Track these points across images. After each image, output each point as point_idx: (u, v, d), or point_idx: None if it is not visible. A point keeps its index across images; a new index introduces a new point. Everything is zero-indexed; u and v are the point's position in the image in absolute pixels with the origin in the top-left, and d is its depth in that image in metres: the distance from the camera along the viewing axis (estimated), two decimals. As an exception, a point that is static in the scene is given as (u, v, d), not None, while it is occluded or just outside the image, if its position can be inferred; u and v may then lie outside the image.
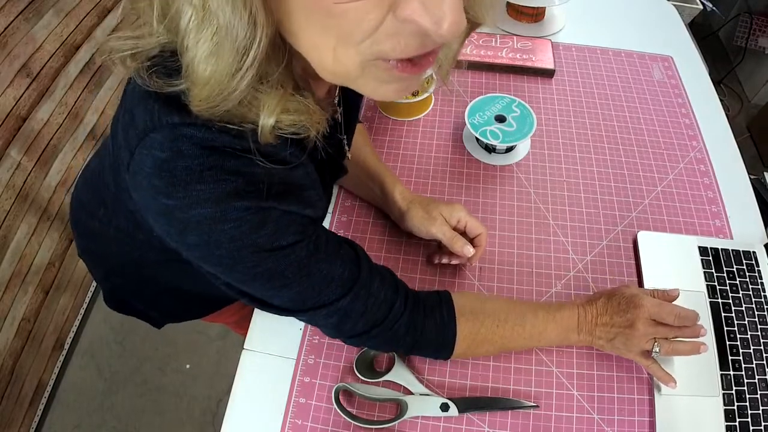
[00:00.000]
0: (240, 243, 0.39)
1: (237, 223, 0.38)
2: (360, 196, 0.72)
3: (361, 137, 0.71)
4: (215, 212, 0.37)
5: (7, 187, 1.14)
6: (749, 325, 0.60)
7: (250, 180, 0.37)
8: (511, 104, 0.76)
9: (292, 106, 0.36)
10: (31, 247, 1.25)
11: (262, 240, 0.40)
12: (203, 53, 0.31)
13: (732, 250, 0.65)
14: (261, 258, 0.41)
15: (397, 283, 0.51)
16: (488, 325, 0.54)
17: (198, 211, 0.37)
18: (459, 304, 0.53)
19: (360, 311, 0.47)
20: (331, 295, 0.46)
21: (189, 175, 0.35)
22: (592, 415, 0.55)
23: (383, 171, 0.68)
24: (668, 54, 0.94)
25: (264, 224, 0.39)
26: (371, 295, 0.48)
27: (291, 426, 0.55)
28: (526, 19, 0.98)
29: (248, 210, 0.38)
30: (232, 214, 0.37)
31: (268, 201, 0.39)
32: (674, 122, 0.82)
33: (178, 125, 0.35)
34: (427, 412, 0.55)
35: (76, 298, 1.46)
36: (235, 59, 0.31)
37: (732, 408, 0.55)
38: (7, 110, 1.11)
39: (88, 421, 1.36)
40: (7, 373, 1.20)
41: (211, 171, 0.36)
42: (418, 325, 0.51)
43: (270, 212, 0.39)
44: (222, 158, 0.36)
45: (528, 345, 0.57)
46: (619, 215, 0.71)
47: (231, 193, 0.36)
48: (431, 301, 0.53)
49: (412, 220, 0.63)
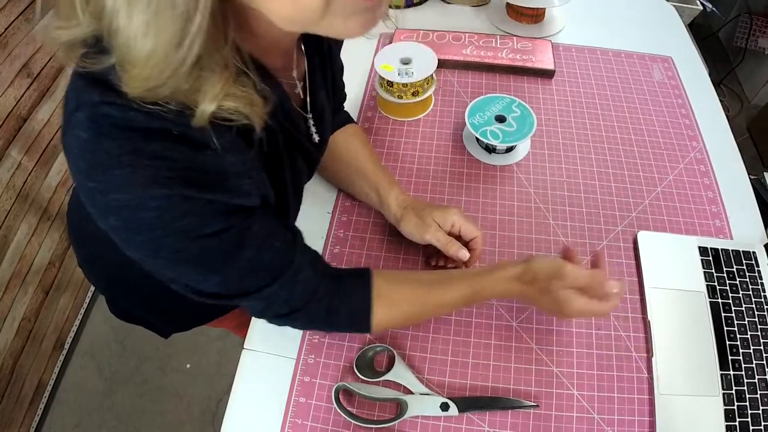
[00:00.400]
0: (161, 231, 0.38)
1: (157, 212, 0.36)
2: (360, 200, 0.72)
3: (359, 140, 0.71)
4: (133, 199, 0.35)
5: (7, 187, 1.14)
6: (749, 325, 0.60)
7: (172, 166, 0.35)
8: (511, 104, 0.77)
9: (235, 91, 0.35)
10: (31, 247, 1.25)
11: (185, 228, 0.38)
12: (139, 28, 0.29)
13: (732, 250, 0.66)
14: (184, 245, 0.40)
15: (322, 267, 0.52)
16: (406, 310, 0.55)
17: (116, 196, 0.35)
18: (377, 285, 0.53)
19: (284, 298, 0.48)
20: (257, 283, 0.46)
21: (108, 159, 0.34)
22: (592, 415, 0.55)
23: (380, 176, 0.67)
24: (668, 54, 0.94)
25: (186, 213, 0.38)
26: (298, 283, 0.48)
27: (291, 425, 0.55)
28: (526, 20, 0.99)
29: (168, 198, 0.36)
30: (151, 202, 0.36)
31: (190, 189, 0.37)
32: (674, 122, 0.82)
33: (98, 103, 0.33)
34: (427, 412, 0.55)
35: (77, 298, 1.46)
36: (179, 27, 0.29)
37: (732, 408, 0.55)
38: (7, 110, 1.11)
39: (89, 421, 1.36)
40: (7, 372, 1.20)
41: (129, 156, 0.34)
42: (334, 308, 0.52)
43: (193, 201, 0.38)
44: (142, 141, 0.34)
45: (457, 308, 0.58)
46: (619, 215, 0.71)
47: (149, 180, 0.35)
48: (350, 284, 0.53)
49: (407, 227, 0.63)
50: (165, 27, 0.29)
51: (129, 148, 0.34)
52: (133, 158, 0.34)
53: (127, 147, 0.34)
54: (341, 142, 0.70)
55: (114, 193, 0.35)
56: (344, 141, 0.70)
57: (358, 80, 0.88)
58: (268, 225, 0.46)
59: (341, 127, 0.71)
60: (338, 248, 0.68)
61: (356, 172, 0.68)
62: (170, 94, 0.33)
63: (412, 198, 0.66)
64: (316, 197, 0.73)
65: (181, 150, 0.35)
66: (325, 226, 0.70)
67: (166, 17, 0.28)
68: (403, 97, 0.78)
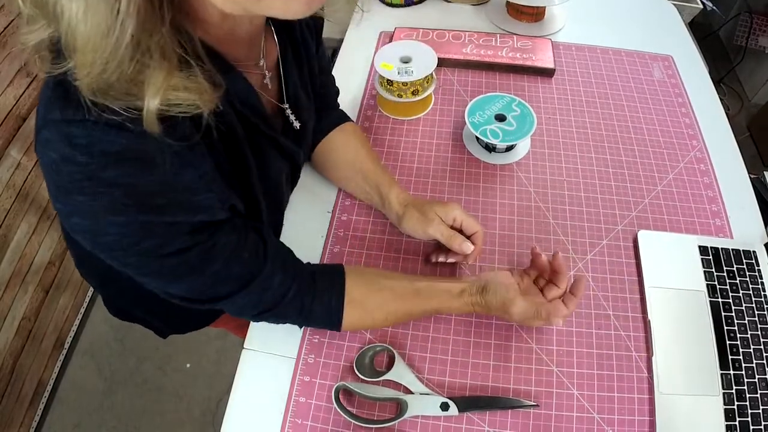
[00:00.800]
0: (123, 252, 0.39)
1: (117, 237, 0.38)
2: (360, 200, 0.72)
3: (358, 139, 0.71)
4: (93, 225, 0.37)
5: (7, 186, 1.14)
6: (749, 325, 0.60)
7: (129, 192, 0.36)
8: (511, 103, 0.76)
9: (180, 82, 0.34)
10: (31, 247, 1.25)
11: (146, 249, 0.39)
12: (78, 10, 0.29)
13: (732, 250, 0.65)
14: (148, 262, 0.41)
15: (294, 269, 0.52)
16: (377, 317, 0.56)
17: (77, 221, 0.37)
18: (349, 289, 0.54)
19: (254, 302, 0.49)
20: (227, 290, 0.47)
21: (70, 183, 0.35)
22: (592, 415, 0.55)
23: (380, 175, 0.67)
24: (668, 53, 0.93)
25: (146, 236, 0.39)
26: (268, 289, 0.49)
27: (291, 425, 0.55)
28: (526, 19, 0.98)
29: (127, 225, 0.37)
30: (111, 228, 0.37)
31: (148, 215, 0.37)
32: (674, 122, 0.82)
33: (60, 122, 0.34)
34: (427, 412, 0.55)
35: (76, 297, 1.46)
36: (109, 8, 0.29)
37: (732, 407, 0.55)
38: (7, 110, 1.11)
39: (88, 421, 1.36)
40: (7, 372, 1.20)
41: (89, 182, 0.35)
42: (306, 308, 0.52)
43: (152, 225, 0.38)
44: (102, 167, 0.34)
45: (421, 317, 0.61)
46: (619, 214, 0.71)
47: (108, 208, 0.36)
48: (323, 285, 0.53)
49: (409, 223, 0.63)
50: (98, 9, 0.29)
51: (88, 174, 0.34)
52: (92, 185, 0.35)
53: (87, 172, 0.34)
54: (339, 141, 0.70)
55: (76, 218, 0.37)
56: (343, 141, 0.70)
57: (358, 79, 0.88)
58: (237, 236, 0.46)
59: (338, 126, 0.71)
60: (338, 248, 0.68)
61: (357, 172, 0.68)
62: (116, 84, 0.32)
63: (412, 196, 0.66)
64: (316, 197, 0.73)
65: (138, 174, 0.36)
66: (325, 226, 0.70)
67: (96, 5, 0.29)
68: (403, 96, 0.78)
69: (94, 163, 0.34)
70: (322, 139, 0.70)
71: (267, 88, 0.52)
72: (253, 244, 0.48)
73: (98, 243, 0.39)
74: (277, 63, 0.53)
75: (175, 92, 0.34)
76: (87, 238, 0.38)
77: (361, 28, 0.98)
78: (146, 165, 0.36)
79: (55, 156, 0.34)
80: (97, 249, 0.39)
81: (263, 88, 0.52)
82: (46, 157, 0.35)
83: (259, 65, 0.50)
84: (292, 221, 0.71)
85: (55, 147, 0.34)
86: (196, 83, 0.35)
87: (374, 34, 0.97)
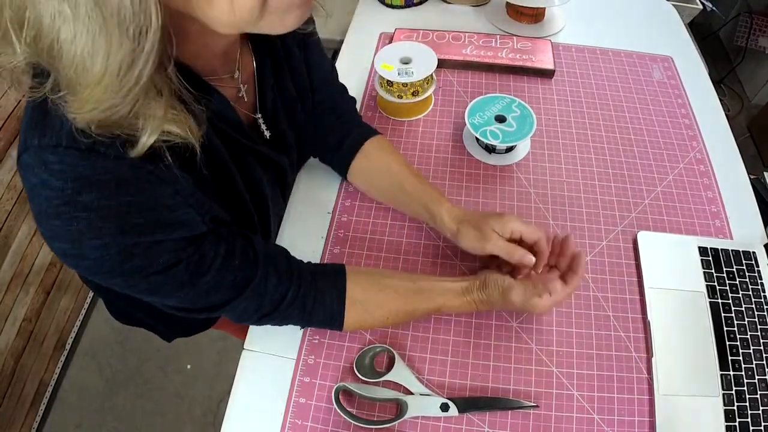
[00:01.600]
0: (107, 274, 0.39)
1: (97, 261, 0.37)
2: (407, 215, 0.70)
3: (390, 155, 0.68)
4: (74, 249, 0.37)
5: (8, 187, 1.15)
6: (749, 326, 0.60)
7: (105, 215, 0.36)
8: (511, 104, 0.77)
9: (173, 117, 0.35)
10: (32, 248, 1.25)
11: (131, 270, 0.39)
12: (86, 47, 0.29)
13: (732, 251, 0.65)
14: (135, 282, 0.41)
15: (291, 271, 0.52)
16: (378, 317, 0.56)
17: (58, 245, 0.37)
18: (351, 289, 0.54)
19: (254, 308, 0.49)
20: (223, 298, 0.47)
21: (49, 207, 0.35)
22: (592, 415, 0.55)
23: (425, 190, 0.64)
24: (668, 54, 0.94)
25: (128, 258, 0.38)
26: (266, 293, 0.49)
27: (291, 426, 0.55)
28: (526, 20, 0.99)
29: (107, 247, 0.37)
30: (90, 253, 0.37)
31: (126, 236, 0.37)
32: (674, 122, 0.82)
33: (38, 148, 0.34)
34: (427, 412, 0.55)
35: (77, 298, 1.46)
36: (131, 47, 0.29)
37: (732, 408, 0.55)
38: (8, 111, 1.11)
39: (90, 421, 1.37)
40: (8, 373, 1.20)
41: (66, 207, 0.35)
42: (307, 309, 0.52)
43: (132, 247, 0.38)
44: (76, 191, 0.35)
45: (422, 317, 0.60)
46: (619, 215, 0.71)
47: (84, 232, 0.36)
48: (324, 285, 0.53)
49: (465, 241, 0.60)
50: (118, 48, 0.28)
51: (65, 199, 0.35)
52: (69, 210, 0.35)
53: (63, 198, 0.35)
54: (372, 160, 0.68)
55: (56, 242, 0.37)
56: (378, 159, 0.68)
57: (358, 80, 0.88)
58: (225, 245, 0.46)
59: (365, 142, 0.68)
60: (338, 248, 0.68)
61: (399, 191, 0.66)
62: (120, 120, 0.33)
63: (464, 209, 0.63)
64: (316, 197, 0.73)
65: (112, 196, 0.36)
66: (325, 226, 0.70)
67: (115, 34, 0.28)
68: (403, 97, 0.78)
69: (69, 188, 0.34)
70: (353, 159, 0.68)
71: (242, 100, 0.53)
72: (242, 251, 0.47)
73: (81, 266, 0.39)
74: (253, 75, 0.53)
75: (169, 126, 0.35)
76: (69, 262, 0.38)
77: (362, 29, 0.98)
78: (120, 186, 0.36)
79: (34, 181, 0.35)
80: (81, 272, 0.39)
81: (238, 101, 0.52)
82: (27, 182, 0.36)
83: (234, 78, 0.50)
84: (292, 222, 0.71)
85: (34, 172, 0.35)
86: (184, 116, 0.36)
87: (374, 35, 0.97)
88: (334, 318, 0.54)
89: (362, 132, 0.69)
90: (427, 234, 0.69)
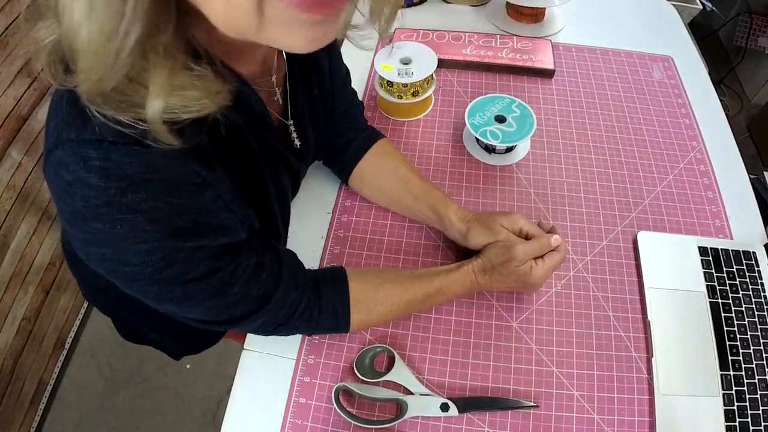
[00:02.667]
0: (146, 281, 0.37)
1: (139, 267, 0.35)
2: (412, 218, 0.69)
3: (397, 158, 0.68)
4: (114, 254, 0.35)
5: (7, 187, 1.15)
6: (749, 326, 0.60)
7: (151, 217, 0.34)
8: (511, 104, 0.77)
9: (187, 81, 0.31)
10: (31, 247, 1.25)
11: (170, 277, 0.37)
12: (80, 12, 0.27)
13: (732, 251, 0.66)
14: (170, 290, 0.39)
15: (305, 283, 0.52)
16: (381, 312, 0.56)
17: (96, 249, 0.35)
18: (354, 292, 0.54)
19: (271, 320, 0.49)
20: (245, 311, 0.46)
21: (87, 209, 0.33)
22: (592, 415, 0.55)
23: (431, 193, 0.65)
24: (668, 54, 0.94)
25: (170, 264, 0.37)
26: (284, 306, 0.49)
27: (291, 426, 0.55)
28: (526, 20, 0.98)
29: (150, 252, 0.35)
30: (133, 258, 0.35)
31: (172, 240, 0.36)
32: (674, 122, 0.82)
33: (76, 142, 0.32)
34: (427, 412, 0.55)
35: (77, 297, 1.46)
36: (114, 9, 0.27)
37: (732, 408, 0.55)
38: (7, 110, 1.11)
39: (89, 421, 1.37)
40: (7, 372, 1.20)
41: (108, 207, 0.32)
42: (314, 320, 0.52)
43: (176, 252, 0.36)
44: (120, 193, 0.32)
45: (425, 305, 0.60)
46: (619, 215, 0.71)
47: (129, 236, 0.34)
48: (327, 293, 0.53)
49: (476, 239, 0.60)
50: (100, 10, 0.27)
51: (107, 200, 0.32)
52: (112, 211, 0.33)
53: (105, 198, 0.32)
54: (377, 163, 0.68)
55: (94, 246, 0.35)
56: (381, 162, 0.68)
57: (358, 80, 0.88)
58: (257, 257, 0.45)
59: (371, 146, 0.68)
60: (338, 248, 0.68)
61: (405, 194, 0.66)
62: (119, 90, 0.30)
63: (470, 211, 0.64)
64: (316, 197, 0.73)
65: (159, 197, 0.34)
66: (325, 227, 0.70)
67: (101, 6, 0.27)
68: (403, 97, 0.78)
69: (112, 187, 0.32)
70: (357, 162, 0.68)
71: (276, 104, 0.52)
72: (269, 264, 0.47)
73: (118, 272, 0.36)
74: (284, 79, 0.53)
75: (182, 91, 0.31)
76: (106, 268, 0.36)
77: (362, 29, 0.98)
78: (167, 187, 0.34)
79: (69, 178, 0.32)
80: (116, 278, 0.37)
81: (272, 105, 0.51)
82: (58, 180, 0.33)
83: (270, 81, 0.49)
84: (292, 222, 0.71)
85: (69, 169, 0.32)
86: (204, 81, 0.33)
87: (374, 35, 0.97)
88: (340, 323, 0.54)
89: (368, 136, 0.69)
90: (427, 234, 0.69)
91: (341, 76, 0.65)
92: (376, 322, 0.59)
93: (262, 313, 0.47)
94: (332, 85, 0.62)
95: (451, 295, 0.60)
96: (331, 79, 0.61)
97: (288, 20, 0.29)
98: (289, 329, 0.52)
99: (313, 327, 0.53)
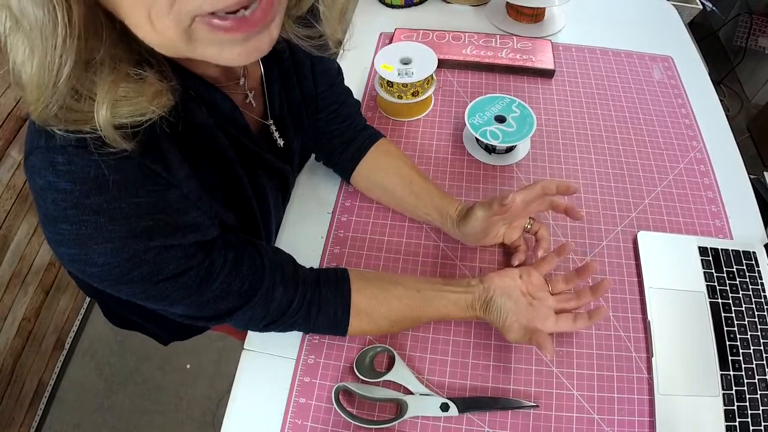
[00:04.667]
0: (114, 280, 0.38)
1: (105, 267, 0.36)
2: (413, 218, 0.69)
3: (399, 158, 0.68)
4: (80, 254, 0.36)
5: (7, 187, 1.15)
6: (749, 326, 0.60)
7: (114, 217, 0.35)
8: (511, 104, 0.77)
9: (129, 87, 0.33)
10: (31, 247, 1.25)
11: (139, 277, 0.38)
12: (23, 52, 0.29)
13: (732, 251, 0.66)
14: (143, 289, 0.39)
15: (297, 278, 0.51)
16: (382, 325, 0.56)
17: (65, 249, 0.36)
18: (355, 299, 0.54)
19: (260, 316, 0.48)
20: (230, 306, 0.46)
21: (57, 211, 0.34)
22: (592, 415, 0.55)
23: (434, 191, 0.65)
24: (668, 54, 0.94)
25: (138, 265, 0.37)
26: (273, 301, 0.48)
27: (291, 426, 0.55)
28: (526, 20, 0.99)
29: (115, 253, 0.36)
30: (99, 258, 0.35)
31: (136, 240, 0.36)
32: (674, 122, 0.82)
33: (45, 149, 0.33)
34: (427, 412, 0.55)
35: (77, 298, 1.46)
36: (49, 44, 0.28)
37: (732, 408, 0.55)
38: (7, 110, 1.11)
39: (89, 421, 1.37)
40: (7, 372, 1.20)
41: (74, 209, 0.34)
42: (312, 317, 0.52)
43: (142, 252, 0.37)
44: (85, 194, 0.34)
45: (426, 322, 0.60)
46: (619, 215, 0.71)
47: (93, 236, 0.35)
48: (328, 293, 0.53)
49: (472, 221, 0.59)
50: (41, 48, 0.28)
51: (73, 202, 0.34)
52: (77, 213, 0.34)
53: (71, 200, 0.34)
54: (379, 163, 0.68)
55: (63, 247, 0.36)
56: (382, 162, 0.68)
57: (358, 80, 0.88)
58: (234, 252, 0.45)
59: (372, 146, 0.68)
60: (338, 248, 0.68)
61: (410, 193, 0.66)
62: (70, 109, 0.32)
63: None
64: (316, 197, 0.73)
65: (121, 198, 0.35)
66: (325, 227, 0.70)
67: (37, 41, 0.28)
68: (403, 97, 0.78)
69: (77, 190, 0.34)
70: (359, 161, 0.68)
71: (251, 106, 0.52)
72: (250, 258, 0.47)
73: (88, 273, 0.37)
74: (261, 81, 0.53)
75: (126, 98, 0.33)
76: (75, 268, 0.37)
77: (361, 29, 0.98)
78: (129, 187, 0.35)
79: (41, 183, 0.34)
80: (88, 279, 0.38)
81: (246, 107, 0.52)
82: (33, 184, 0.35)
83: (239, 84, 0.49)
84: (292, 222, 0.71)
85: (41, 174, 0.34)
86: (143, 85, 0.34)
87: (374, 35, 0.97)
88: (339, 326, 0.54)
89: (368, 135, 0.69)
90: (427, 234, 0.69)
91: (329, 77, 0.64)
92: (377, 333, 0.59)
93: (248, 309, 0.47)
94: (315, 86, 0.62)
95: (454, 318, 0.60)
96: (314, 80, 0.61)
97: (218, 41, 0.31)
98: (285, 326, 0.52)
99: (310, 325, 0.53)
